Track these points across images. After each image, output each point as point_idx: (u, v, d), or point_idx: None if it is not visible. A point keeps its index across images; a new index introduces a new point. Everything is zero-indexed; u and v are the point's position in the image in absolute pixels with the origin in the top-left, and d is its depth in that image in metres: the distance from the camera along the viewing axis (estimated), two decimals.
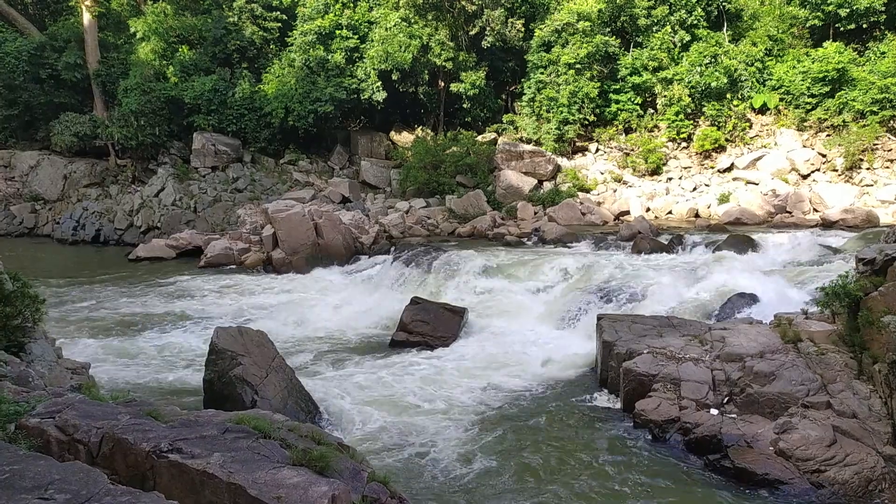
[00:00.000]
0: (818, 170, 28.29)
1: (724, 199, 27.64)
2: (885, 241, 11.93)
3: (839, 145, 27.76)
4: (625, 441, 9.81)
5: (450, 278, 18.74)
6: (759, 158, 29.04)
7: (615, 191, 29.50)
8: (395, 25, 31.10)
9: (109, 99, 33.83)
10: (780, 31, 31.34)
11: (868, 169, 27.31)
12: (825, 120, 28.69)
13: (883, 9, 28.96)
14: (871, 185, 26.81)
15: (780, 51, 31.08)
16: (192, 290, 20.26)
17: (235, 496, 4.70)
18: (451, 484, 8.59)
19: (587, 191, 29.26)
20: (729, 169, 29.46)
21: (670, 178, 29.90)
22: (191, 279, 21.69)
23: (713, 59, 29.84)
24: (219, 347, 10.21)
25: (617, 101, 30.79)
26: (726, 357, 10.54)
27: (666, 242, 20.35)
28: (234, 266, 23.68)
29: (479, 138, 32.36)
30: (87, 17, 33.21)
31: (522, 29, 31.57)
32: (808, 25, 31.25)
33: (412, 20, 31.55)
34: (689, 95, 29.73)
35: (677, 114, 30.01)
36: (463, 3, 31.32)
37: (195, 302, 18.84)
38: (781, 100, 29.92)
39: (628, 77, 30.66)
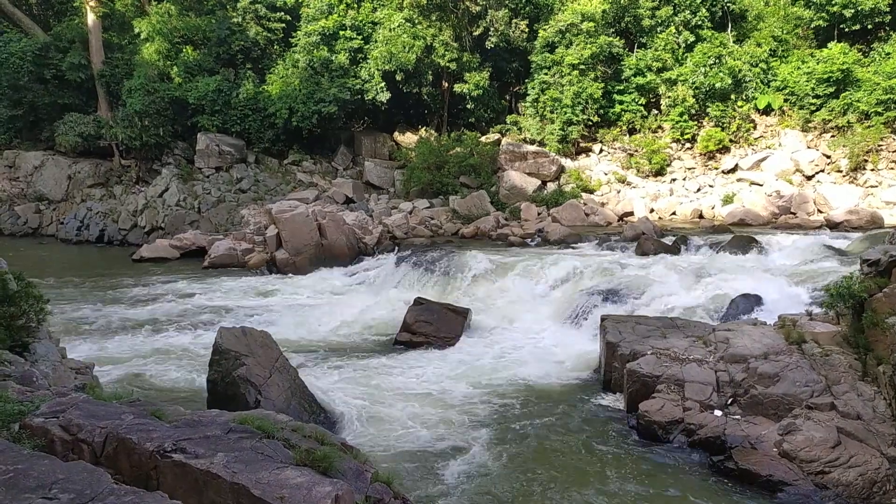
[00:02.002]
0: (822, 171, 28.24)
1: (728, 200, 27.60)
2: (889, 242, 11.91)
3: (844, 146, 27.71)
4: (628, 442, 9.80)
5: (453, 279, 18.74)
6: (763, 159, 29.00)
7: (619, 192, 29.48)
8: (398, 26, 31.11)
9: (113, 99, 33.91)
10: (785, 31, 31.29)
11: (873, 170, 27.26)
12: (830, 121, 28.64)
13: (888, 10, 28.90)
14: (876, 186, 26.77)
15: (785, 51, 31.03)
16: (195, 290, 20.28)
17: (239, 496, 4.70)
18: (453, 484, 8.58)
19: (591, 191, 29.24)
20: (733, 170, 29.42)
21: (674, 179, 29.87)
22: (194, 280, 21.72)
23: (717, 60, 29.78)
24: (222, 348, 10.21)
25: (621, 102, 30.76)
26: (730, 358, 10.51)
27: (670, 243, 20.32)
28: (237, 266, 23.70)
29: (483, 139, 32.36)
30: (91, 18, 33.29)
31: (526, 29, 31.56)
32: (812, 26, 31.18)
33: (416, 21, 31.55)
34: (694, 96, 29.68)
35: (681, 115, 29.97)
36: (467, 3, 31.33)
37: (199, 302, 18.85)
38: (786, 101, 29.87)
39: (632, 78, 30.64)
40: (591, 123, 30.43)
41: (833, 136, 28.65)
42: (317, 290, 20.17)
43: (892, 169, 27.18)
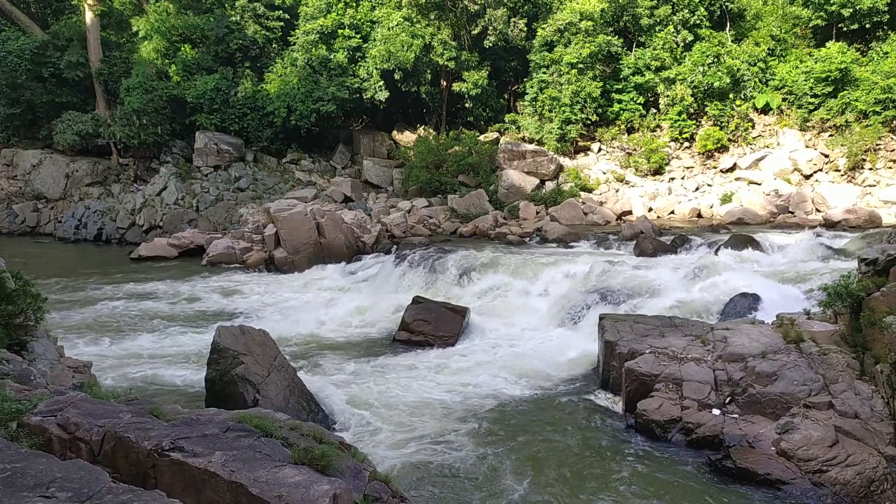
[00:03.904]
0: (821, 170, 28.27)
1: (726, 199, 27.61)
2: (887, 241, 11.92)
3: (842, 145, 27.74)
4: (627, 441, 9.80)
5: (451, 277, 18.73)
6: (761, 158, 29.02)
7: (617, 190, 29.49)
8: (397, 25, 31.11)
9: (112, 98, 33.89)
10: (783, 30, 31.33)
11: (871, 169, 27.28)
12: (828, 120, 28.67)
13: (886, 9, 28.93)
14: (874, 186, 26.79)
15: (783, 51, 31.07)
16: (194, 289, 20.27)
17: (237, 494, 4.70)
18: (452, 483, 8.58)
19: (589, 190, 29.25)
20: (731, 169, 29.44)
21: (672, 178, 29.88)
22: (193, 278, 21.70)
23: (716, 59, 29.81)
24: (221, 346, 10.20)
25: (619, 101, 30.77)
26: (728, 357, 10.52)
27: (668, 242, 20.33)
28: (236, 265, 23.69)
29: (482, 138, 32.36)
30: (89, 16, 33.24)
31: (525, 28, 31.56)
32: (810, 25, 31.23)
33: (415, 20, 31.55)
34: (692, 95, 29.70)
35: (680, 114, 29.99)
36: (465, 2, 31.30)
37: (197, 301, 18.84)
38: (784, 100, 29.90)
39: (631, 77, 30.64)
40: (589, 122, 30.44)
41: (831, 136, 28.68)
42: (315, 289, 20.16)
43: (889, 168, 27.21)
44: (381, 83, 31.01)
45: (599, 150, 31.29)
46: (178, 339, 15.00)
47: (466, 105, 32.95)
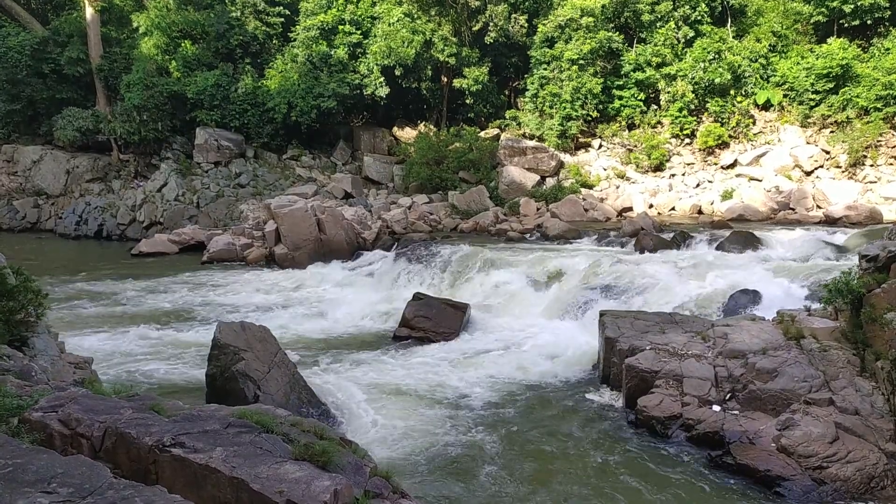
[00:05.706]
0: (822, 166, 28.25)
1: (727, 196, 27.60)
2: (888, 237, 11.90)
3: (843, 142, 27.71)
4: (627, 437, 9.81)
5: (452, 274, 18.74)
6: (762, 155, 29.00)
7: (618, 187, 29.47)
8: (398, 21, 31.07)
9: (112, 94, 33.86)
10: (785, 27, 31.29)
11: (872, 165, 27.27)
12: (829, 116, 28.64)
13: (887, 5, 28.88)
14: (875, 182, 26.79)
15: (784, 47, 31.02)
16: (194, 285, 20.28)
17: (238, 490, 4.70)
18: (452, 479, 8.59)
19: (590, 187, 29.24)
20: (732, 165, 29.43)
21: (673, 175, 29.86)
22: (193, 274, 21.71)
23: (717, 55, 29.76)
24: (221, 342, 10.20)
25: (620, 98, 30.74)
26: (729, 353, 10.51)
27: (669, 239, 20.31)
28: (236, 261, 23.70)
29: (482, 134, 32.34)
30: (89, 12, 33.19)
31: (526, 24, 31.53)
32: (812, 21, 31.18)
33: (415, 15, 31.52)
34: (693, 91, 29.66)
35: (680, 110, 29.95)
36: None
37: (197, 297, 18.85)
38: (785, 96, 29.87)
39: (632, 73, 30.61)
40: (590, 119, 30.42)
41: (832, 132, 28.65)
42: (315, 286, 20.17)
43: (891, 164, 27.20)
44: (382, 79, 30.98)
45: (600, 146, 31.27)
46: (179, 335, 15.01)
47: (467, 101, 32.93)
